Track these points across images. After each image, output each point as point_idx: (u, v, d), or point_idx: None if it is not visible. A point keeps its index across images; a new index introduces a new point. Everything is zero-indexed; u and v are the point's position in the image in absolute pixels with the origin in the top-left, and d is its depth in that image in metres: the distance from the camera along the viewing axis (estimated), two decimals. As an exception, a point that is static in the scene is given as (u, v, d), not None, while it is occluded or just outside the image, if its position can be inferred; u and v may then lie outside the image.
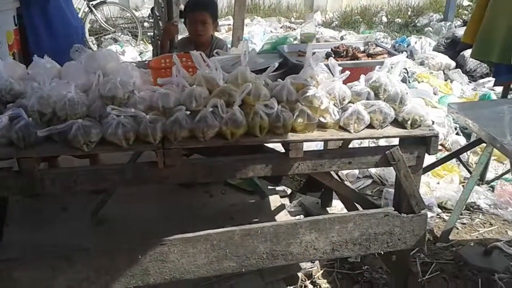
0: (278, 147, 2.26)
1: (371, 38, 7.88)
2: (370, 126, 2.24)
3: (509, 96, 3.96)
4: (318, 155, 2.21)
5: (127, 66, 2.32)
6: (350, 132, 2.20)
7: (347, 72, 2.25)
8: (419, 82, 5.96)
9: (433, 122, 5.07)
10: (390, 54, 2.68)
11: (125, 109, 2.05)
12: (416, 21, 9.45)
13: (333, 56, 2.70)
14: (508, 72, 3.35)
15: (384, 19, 9.81)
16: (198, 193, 3.26)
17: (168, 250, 2.18)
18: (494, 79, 3.77)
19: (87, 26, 7.80)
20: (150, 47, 7.68)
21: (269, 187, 3.35)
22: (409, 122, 2.24)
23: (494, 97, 5.58)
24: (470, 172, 3.82)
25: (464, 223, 3.65)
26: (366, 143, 3.85)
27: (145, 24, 9.16)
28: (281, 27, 8.50)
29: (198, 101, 2.12)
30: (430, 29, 8.65)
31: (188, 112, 2.08)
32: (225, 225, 3.03)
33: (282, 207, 3.33)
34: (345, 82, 2.31)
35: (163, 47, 3.35)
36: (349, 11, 10.15)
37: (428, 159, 4.40)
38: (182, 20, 3.51)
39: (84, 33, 3.62)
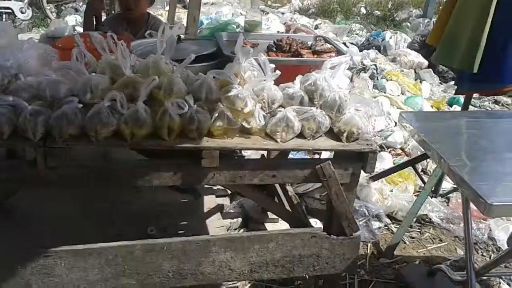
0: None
1: (345, 29, 7.59)
2: (301, 135, 1.94)
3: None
4: (237, 165, 1.90)
5: (21, 44, 1.96)
6: (276, 141, 1.89)
7: (277, 72, 1.93)
8: (387, 80, 5.69)
9: (395, 124, 4.85)
10: (340, 53, 2.37)
11: (2, 97, 1.70)
12: (395, 15, 9.16)
13: (275, 50, 2.38)
14: (470, 81, 3.08)
15: (363, 10, 9.50)
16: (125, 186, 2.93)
17: (54, 263, 1.86)
18: (456, 86, 3.50)
19: (45, -9, 7.29)
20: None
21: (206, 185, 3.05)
22: (345, 135, 1.94)
23: (462, 100, 5.35)
24: (423, 182, 3.57)
25: (413, 237, 3.41)
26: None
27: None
28: (254, 10, 8.11)
29: (94, 93, 1.78)
30: (408, 24, 8.37)
31: (81, 105, 1.75)
32: (148, 226, 2.77)
33: (217, 208, 3.03)
34: (279, 82, 2.00)
35: (86, 24, 2.98)
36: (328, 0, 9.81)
37: (385, 164, 4.19)
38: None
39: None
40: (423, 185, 3.75)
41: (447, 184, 3.91)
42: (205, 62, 2.26)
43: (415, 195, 3.78)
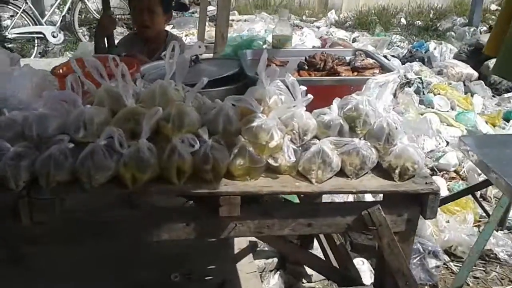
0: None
1: (385, 41, 7.16)
2: (342, 173, 1.57)
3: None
4: (264, 213, 1.54)
5: (12, 72, 1.69)
6: (311, 181, 1.52)
7: (309, 96, 1.57)
8: (435, 94, 5.22)
9: (447, 143, 4.38)
10: (384, 69, 1.99)
11: (-22, 138, 1.41)
12: (438, 25, 8.63)
13: (307, 68, 2.02)
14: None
15: (403, 21, 9.02)
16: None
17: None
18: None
19: (77, 15, 7.21)
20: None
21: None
22: (397, 171, 1.56)
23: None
24: (487, 213, 3.11)
25: (477, 277, 2.95)
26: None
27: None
28: (288, 26, 7.80)
29: (89, 129, 1.47)
30: (453, 34, 7.84)
31: (72, 145, 1.44)
32: (172, 272, 2.46)
33: (249, 248, 2.68)
34: (312, 107, 1.64)
35: (97, 46, 2.72)
36: (366, 11, 9.38)
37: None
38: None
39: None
40: (484, 214, 3.30)
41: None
42: (226, 85, 1.93)
43: (474, 226, 3.31)
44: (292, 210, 1.55)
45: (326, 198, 2.41)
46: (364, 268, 2.81)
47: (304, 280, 2.74)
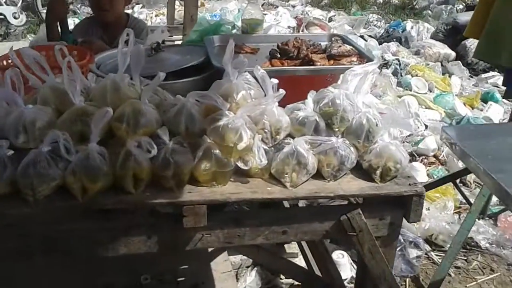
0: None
1: (361, 20, 7.01)
2: (318, 175, 1.42)
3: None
4: (234, 221, 1.39)
5: None
6: (285, 185, 1.38)
7: (281, 91, 1.41)
8: (412, 76, 5.11)
9: (426, 127, 4.28)
10: (362, 57, 1.83)
11: None
12: (415, 3, 8.51)
13: (279, 56, 1.85)
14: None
15: (379, -1, 8.88)
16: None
17: None
18: (505, 87, 2.93)
19: (41, -6, 6.87)
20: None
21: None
22: (378, 172, 1.42)
23: (498, 95, 4.76)
24: (468, 201, 3.03)
25: (459, 268, 2.87)
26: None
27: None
28: (262, 5, 7.56)
29: (30, 133, 1.29)
30: (429, 12, 7.73)
31: (11, 152, 1.26)
32: (142, 274, 2.33)
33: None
34: (285, 101, 1.48)
35: (50, 31, 2.49)
36: (342, -11, 9.19)
37: (417, 177, 3.64)
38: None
39: None
40: (464, 200, 3.22)
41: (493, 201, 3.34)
42: (191, 76, 1.75)
43: (455, 213, 3.24)
44: (265, 216, 1.40)
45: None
46: (344, 261, 2.70)
47: (281, 276, 2.62)
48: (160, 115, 1.42)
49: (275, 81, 1.44)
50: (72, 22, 6.64)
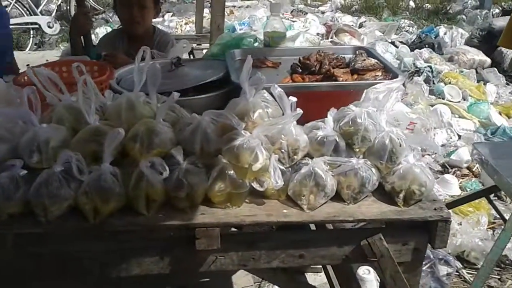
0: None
1: (393, 26, 6.87)
2: (338, 197, 1.37)
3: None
4: (249, 244, 1.34)
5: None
6: (302, 208, 1.32)
7: (299, 111, 1.36)
8: (445, 84, 4.96)
9: (459, 137, 4.13)
10: (387, 71, 1.76)
11: None
12: (448, 8, 8.30)
13: (300, 71, 1.80)
14: None
15: (412, 4, 8.69)
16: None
17: None
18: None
19: (73, 4, 6.99)
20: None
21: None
22: (401, 195, 1.35)
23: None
24: (503, 218, 2.89)
25: (492, 287, 2.74)
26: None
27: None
28: (291, 12, 7.52)
29: (44, 153, 1.28)
30: (464, 17, 7.52)
31: (24, 172, 1.25)
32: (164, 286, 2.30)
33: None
34: (305, 118, 1.43)
35: (74, 46, 2.50)
36: (373, -6, 9.06)
37: (450, 190, 3.51)
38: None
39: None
40: (498, 216, 3.09)
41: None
42: (211, 92, 1.72)
43: (489, 229, 3.10)
44: (281, 239, 1.35)
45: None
46: (370, 278, 2.63)
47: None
48: (176, 134, 1.39)
49: (294, 99, 1.39)
50: (104, 31, 6.79)
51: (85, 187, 1.24)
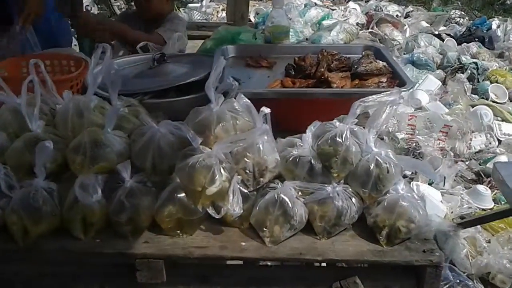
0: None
1: (442, 17, 6.42)
2: (309, 228, 1.16)
3: None
4: (199, 279, 1.16)
5: None
6: (264, 242, 1.13)
7: (264, 127, 1.15)
8: (491, 82, 4.55)
9: (499, 142, 3.76)
10: (395, 77, 1.52)
11: None
12: (506, -2, 7.70)
13: (293, 73, 1.59)
14: None
15: (466, -8, 8.12)
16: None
17: None
18: None
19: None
20: (183, 15, 6.69)
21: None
22: (384, 232, 1.13)
23: None
24: (537, 240, 2.58)
25: (518, 316, 2.45)
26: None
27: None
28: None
29: (-27, 164, 1.14)
30: (522, 8, 6.95)
31: (-50, 185, 1.12)
32: None
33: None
34: (294, 130, 1.23)
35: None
36: (424, -18, 8.53)
37: (482, 202, 3.19)
38: None
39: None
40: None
41: None
42: (195, 93, 1.54)
43: (522, 251, 2.78)
44: (239, 275, 1.17)
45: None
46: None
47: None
48: (130, 145, 1.22)
49: (266, 110, 1.19)
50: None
51: (14, 205, 1.09)
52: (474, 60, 4.86)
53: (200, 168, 1.11)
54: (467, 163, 3.48)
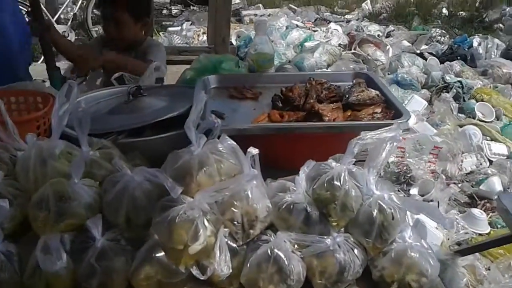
0: None
1: (423, 37, 6.42)
2: (308, 286, 1.02)
3: None
4: None
5: None
6: (256, 302, 0.99)
7: (253, 172, 1.02)
8: (477, 101, 4.50)
9: (490, 163, 3.68)
10: (389, 107, 1.41)
11: None
12: (484, 16, 7.76)
13: (280, 105, 1.47)
14: None
15: (445, 11, 8.19)
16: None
17: None
18: None
19: (90, 12, 6.81)
20: (163, 39, 6.58)
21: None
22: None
23: None
24: (538, 267, 2.48)
25: None
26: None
27: (164, 12, 8.16)
28: (315, 21, 7.13)
29: None
30: (501, 26, 7.00)
31: None
32: None
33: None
34: (285, 170, 1.10)
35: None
36: (404, 2, 8.58)
37: (477, 226, 3.09)
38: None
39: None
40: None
41: None
42: (174, 130, 1.41)
43: (522, 278, 2.67)
44: None
45: None
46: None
47: None
48: (101, 195, 1.07)
49: (254, 151, 1.06)
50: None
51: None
52: (459, 79, 4.83)
53: (181, 222, 0.97)
54: (459, 185, 3.39)
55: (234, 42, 5.89)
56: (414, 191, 3.33)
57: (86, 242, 0.99)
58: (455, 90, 4.60)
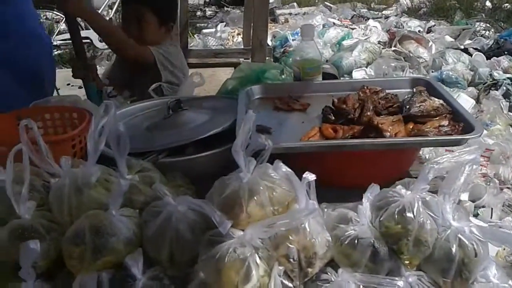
0: None
1: (467, 32, 6.13)
2: (376, 332, 0.89)
3: None
4: None
5: None
6: None
7: (312, 205, 0.90)
8: (528, 102, 4.24)
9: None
10: (457, 119, 1.26)
11: None
12: (532, 7, 7.39)
13: (332, 118, 1.33)
14: None
15: (488, 4, 7.83)
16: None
17: None
18: None
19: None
20: (197, 41, 6.52)
21: None
22: None
23: None
24: None
25: None
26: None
27: (198, 14, 8.12)
28: (351, 18, 6.93)
29: None
30: (550, 17, 6.63)
31: None
32: None
33: None
34: (336, 191, 0.97)
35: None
36: (444, -5, 8.27)
37: None
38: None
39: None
40: None
41: None
42: (219, 146, 1.30)
43: None
44: None
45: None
46: None
47: None
48: (141, 226, 0.97)
49: (311, 177, 0.93)
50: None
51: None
52: (508, 75, 4.58)
53: (230, 261, 0.85)
54: (516, 190, 3.18)
55: (269, 42, 5.77)
56: (464, 196, 3.13)
57: (126, 281, 0.88)
58: (504, 88, 4.35)
